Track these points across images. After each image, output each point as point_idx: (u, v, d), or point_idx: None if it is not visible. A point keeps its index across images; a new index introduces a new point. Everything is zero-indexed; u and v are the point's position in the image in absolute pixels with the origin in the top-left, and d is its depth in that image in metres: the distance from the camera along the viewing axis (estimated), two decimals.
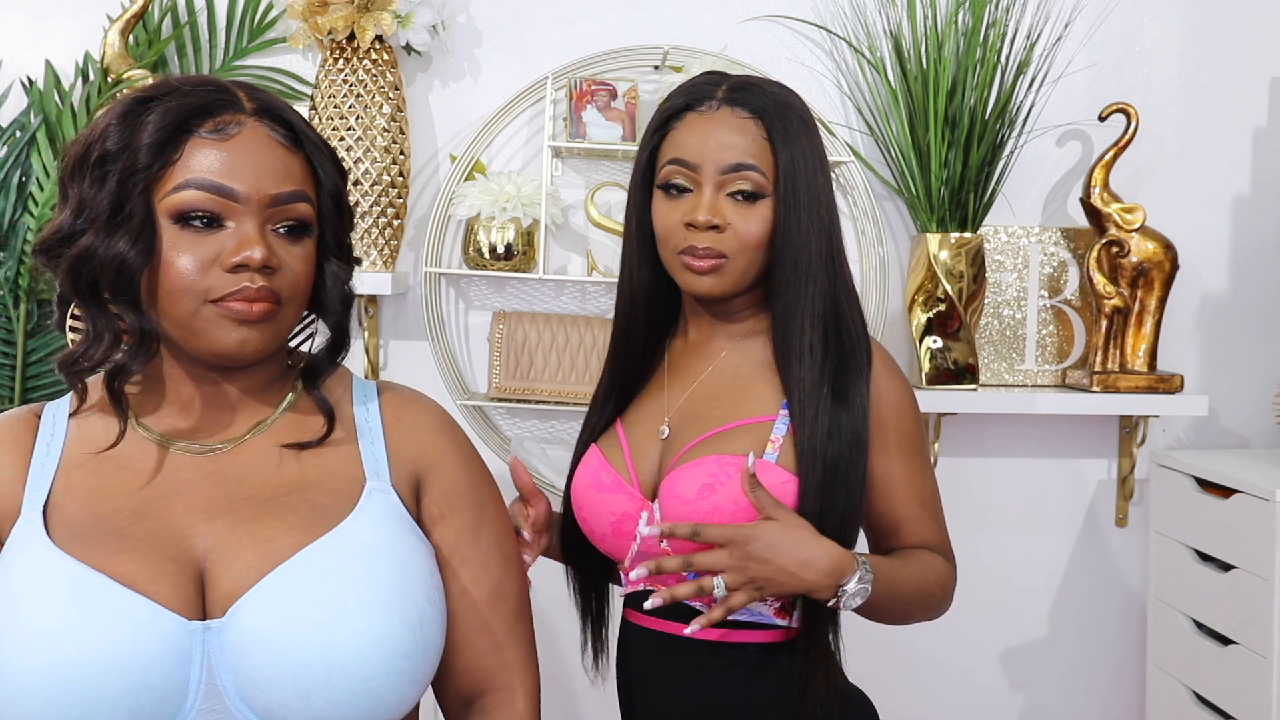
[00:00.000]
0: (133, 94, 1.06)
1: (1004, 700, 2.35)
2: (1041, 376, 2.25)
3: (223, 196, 1.02)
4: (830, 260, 1.29)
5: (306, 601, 0.98)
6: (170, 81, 1.06)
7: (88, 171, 1.02)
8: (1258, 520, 1.90)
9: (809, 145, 1.29)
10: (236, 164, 1.02)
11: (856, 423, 1.27)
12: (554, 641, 2.14)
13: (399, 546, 1.05)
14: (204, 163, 1.02)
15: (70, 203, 1.04)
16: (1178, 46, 2.27)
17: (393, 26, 2.06)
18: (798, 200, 1.27)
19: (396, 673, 1.00)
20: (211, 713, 0.98)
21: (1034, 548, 2.31)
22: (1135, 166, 2.24)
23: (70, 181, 1.05)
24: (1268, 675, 1.87)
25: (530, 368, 2.18)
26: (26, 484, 1.04)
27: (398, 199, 2.12)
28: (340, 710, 0.98)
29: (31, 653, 0.93)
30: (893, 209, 2.26)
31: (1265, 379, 2.30)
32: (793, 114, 1.30)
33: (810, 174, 1.28)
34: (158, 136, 1.01)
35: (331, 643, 0.97)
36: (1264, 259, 2.30)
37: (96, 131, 1.03)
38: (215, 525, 1.02)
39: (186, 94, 1.04)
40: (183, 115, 1.02)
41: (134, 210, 1.01)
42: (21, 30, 2.15)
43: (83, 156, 1.03)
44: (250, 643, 0.97)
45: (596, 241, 2.23)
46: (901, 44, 2.14)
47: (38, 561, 0.98)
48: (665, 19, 2.21)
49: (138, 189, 1.01)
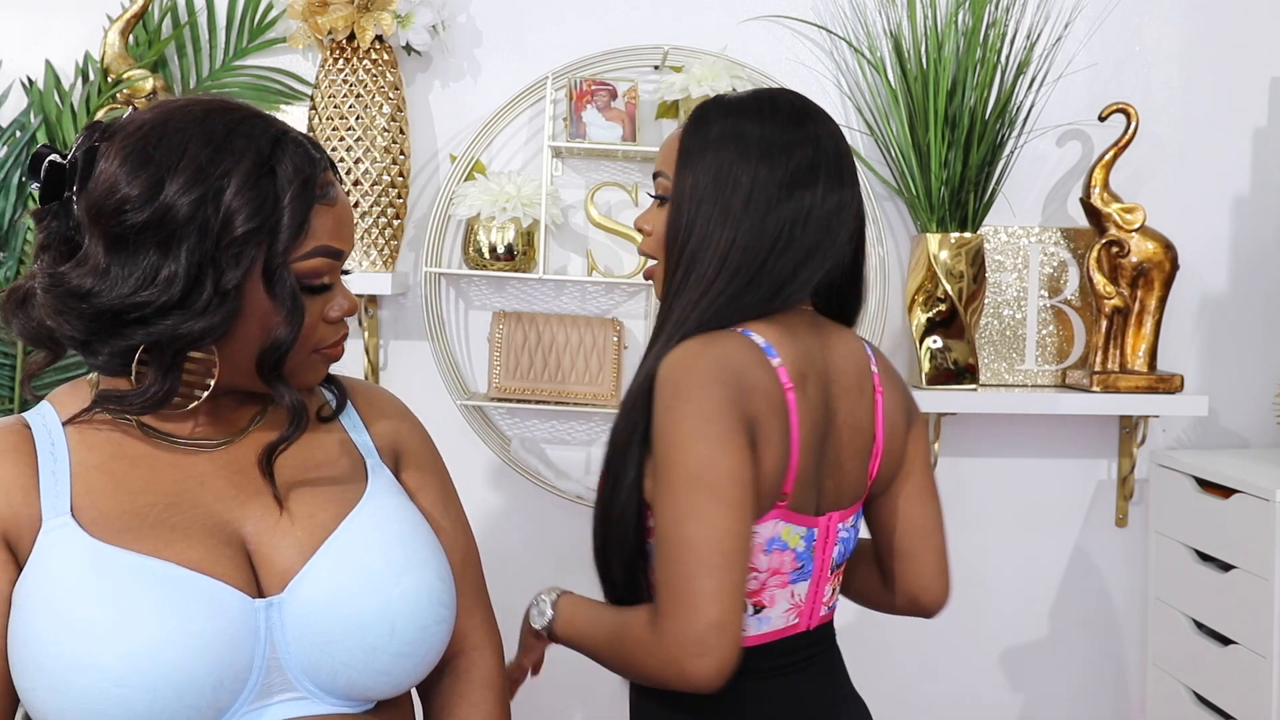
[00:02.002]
0: (231, 158, 1.01)
1: (1004, 700, 2.35)
2: (1041, 376, 2.25)
3: (336, 258, 1.08)
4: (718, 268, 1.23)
5: (362, 565, 1.07)
6: (259, 134, 1.03)
7: (204, 247, 0.99)
8: (1258, 520, 1.90)
9: (718, 152, 1.25)
10: (342, 225, 1.09)
11: (627, 456, 1.21)
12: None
13: (413, 512, 1.16)
14: (324, 228, 1.06)
15: (150, 268, 0.99)
16: (1178, 46, 2.27)
17: (393, 26, 2.06)
18: (681, 204, 1.25)
19: (441, 620, 1.10)
20: (271, 686, 1.03)
21: (1034, 548, 2.31)
22: (1135, 166, 2.24)
23: (149, 246, 0.99)
24: (1268, 675, 1.87)
25: (530, 368, 2.18)
26: (41, 494, 1.03)
27: (398, 199, 2.12)
28: (401, 662, 1.07)
29: (124, 643, 0.95)
30: (893, 209, 2.26)
31: (1265, 379, 2.30)
32: (714, 119, 1.27)
33: (703, 181, 1.24)
34: (299, 218, 1.02)
35: (391, 598, 1.06)
36: (1264, 259, 2.30)
37: (191, 202, 0.98)
38: (252, 508, 1.07)
39: (299, 162, 1.03)
40: (311, 190, 1.04)
41: (284, 287, 1.02)
42: (21, 30, 2.15)
43: (174, 225, 0.98)
44: (314, 613, 1.04)
45: (596, 241, 2.23)
46: (901, 44, 2.14)
47: (95, 559, 0.99)
48: (665, 19, 2.21)
49: (282, 266, 1.02)
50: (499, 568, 2.31)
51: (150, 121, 1.03)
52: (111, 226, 0.99)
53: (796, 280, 1.24)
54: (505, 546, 2.25)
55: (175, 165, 0.99)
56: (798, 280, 1.24)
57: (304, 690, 1.05)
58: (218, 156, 1.00)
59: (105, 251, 0.99)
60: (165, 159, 0.99)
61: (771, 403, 1.18)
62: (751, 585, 1.22)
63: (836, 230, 1.26)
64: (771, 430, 1.17)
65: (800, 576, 1.26)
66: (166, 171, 0.99)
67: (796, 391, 1.20)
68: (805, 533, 1.25)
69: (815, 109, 1.32)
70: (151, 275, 0.99)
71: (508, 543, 2.26)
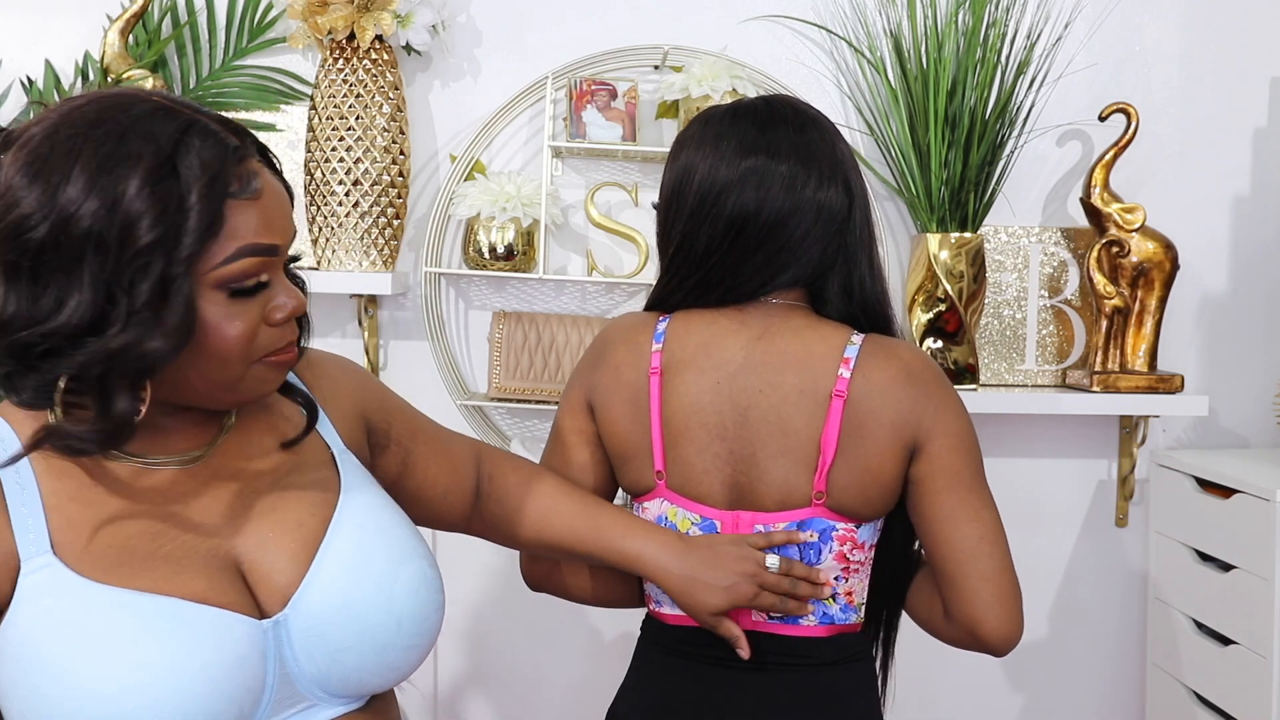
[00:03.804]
0: (127, 161, 0.90)
1: (1004, 700, 2.35)
2: (1041, 376, 2.25)
3: (268, 256, 0.97)
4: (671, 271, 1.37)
5: (359, 568, 1.05)
6: (159, 130, 0.92)
7: (107, 263, 0.89)
8: (1258, 520, 1.90)
9: (688, 153, 1.34)
10: (270, 218, 0.97)
11: None
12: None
13: (387, 500, 1.14)
14: (247, 225, 0.95)
15: (55, 293, 0.90)
16: (1178, 46, 2.27)
17: (393, 26, 2.05)
18: (661, 200, 1.37)
19: (439, 606, 1.10)
20: (284, 700, 1.02)
21: (1034, 548, 2.31)
22: (1135, 166, 2.24)
23: (50, 270, 0.89)
24: (1268, 675, 1.87)
25: (530, 368, 2.18)
26: (14, 531, 0.95)
27: (398, 199, 2.11)
28: (408, 654, 1.07)
29: (143, 693, 0.91)
30: (893, 209, 2.26)
31: (1265, 379, 2.30)
32: (699, 122, 1.36)
33: (669, 180, 1.35)
34: (206, 219, 0.91)
35: (393, 594, 1.05)
36: (1264, 259, 2.30)
37: (88, 214, 0.88)
38: (238, 524, 1.03)
39: (207, 156, 0.93)
40: (223, 185, 0.93)
41: (179, 299, 0.91)
42: (21, 30, 2.15)
43: (73, 242, 0.89)
44: (323, 624, 1.02)
45: (596, 241, 2.23)
46: (901, 44, 2.14)
47: (92, 603, 0.93)
48: (665, 19, 2.21)
49: (181, 275, 0.91)
50: (500, 567, 2.32)
51: (44, 129, 0.92)
52: (10, 251, 0.89)
53: (738, 277, 1.31)
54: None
55: (68, 174, 0.89)
56: (740, 278, 1.31)
57: (314, 698, 1.04)
58: (113, 160, 0.90)
59: (5, 279, 0.90)
60: (58, 168, 0.90)
61: (621, 380, 1.34)
62: None
63: (796, 235, 1.29)
64: (615, 403, 1.34)
65: None
66: (59, 182, 0.89)
67: (663, 377, 1.31)
68: (699, 520, 1.30)
69: (788, 115, 1.34)
70: (59, 303, 0.89)
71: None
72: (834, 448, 1.26)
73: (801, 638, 1.31)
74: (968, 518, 1.27)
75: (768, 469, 1.28)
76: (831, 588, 1.31)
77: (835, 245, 1.31)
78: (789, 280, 1.31)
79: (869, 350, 1.29)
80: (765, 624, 1.31)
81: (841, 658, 1.32)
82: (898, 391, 1.27)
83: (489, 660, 2.29)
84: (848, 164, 1.33)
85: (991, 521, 1.28)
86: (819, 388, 1.27)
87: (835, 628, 1.32)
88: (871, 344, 1.29)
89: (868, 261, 1.34)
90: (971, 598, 1.27)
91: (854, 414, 1.26)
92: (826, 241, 1.30)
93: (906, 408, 1.27)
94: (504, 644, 2.29)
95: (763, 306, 1.32)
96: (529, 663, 2.28)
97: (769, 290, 1.31)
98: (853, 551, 1.30)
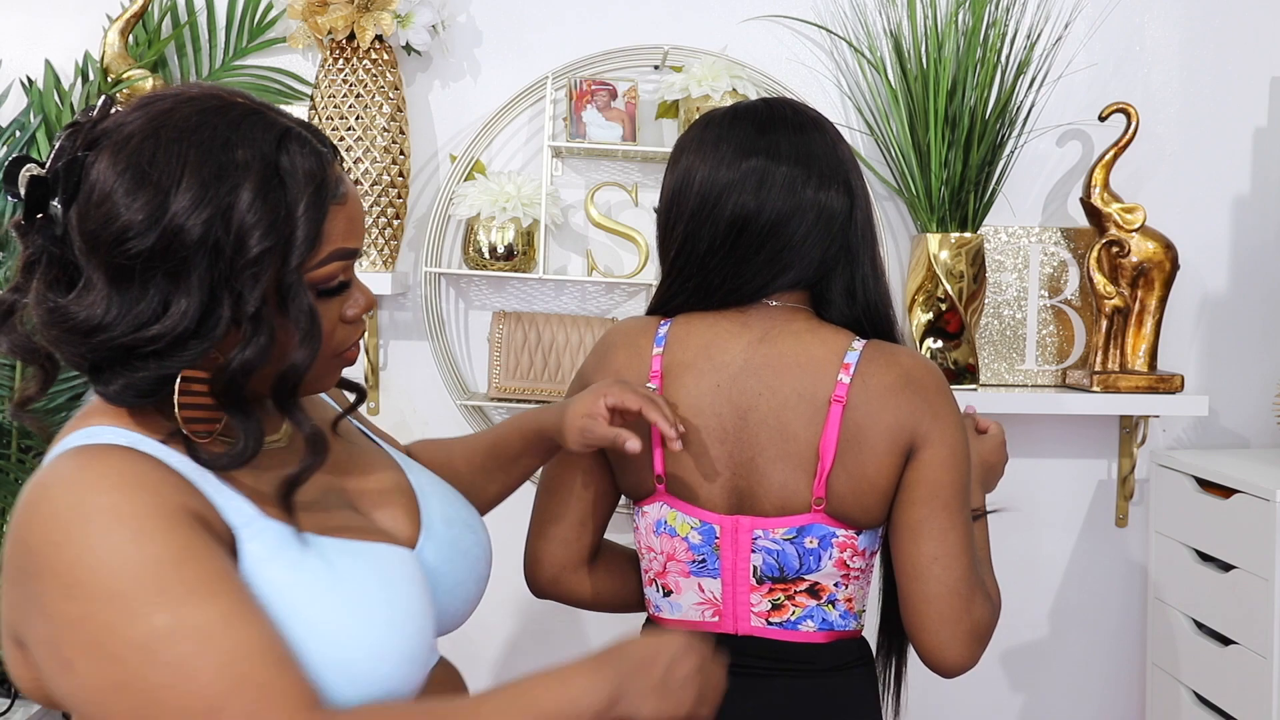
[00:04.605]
0: (236, 171, 0.92)
1: (1004, 700, 2.35)
2: (1041, 376, 2.25)
3: (353, 258, 1.01)
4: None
5: (457, 506, 1.16)
6: (261, 137, 0.94)
7: (217, 271, 0.91)
8: (1258, 520, 1.90)
9: (689, 156, 1.34)
10: (354, 222, 1.01)
11: None
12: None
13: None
14: (338, 230, 0.98)
15: (159, 298, 0.91)
16: (1178, 46, 2.27)
17: (393, 26, 2.06)
18: (662, 203, 1.37)
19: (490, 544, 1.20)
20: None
21: (1034, 548, 2.31)
22: (1135, 166, 2.24)
23: (155, 275, 0.90)
24: (1268, 675, 1.87)
25: (530, 368, 2.18)
26: (216, 506, 0.94)
27: (398, 199, 2.11)
28: (480, 594, 1.17)
29: (413, 630, 0.98)
30: (893, 209, 2.26)
31: (1265, 379, 2.30)
32: (700, 124, 1.36)
33: (669, 182, 1.35)
34: (314, 229, 0.94)
35: (483, 529, 1.19)
36: (1264, 259, 2.30)
37: (200, 224, 0.90)
38: (349, 480, 1.09)
39: (309, 165, 0.95)
40: (325, 194, 0.96)
41: (302, 309, 0.94)
42: (21, 30, 2.15)
43: (183, 251, 0.90)
44: (445, 553, 1.10)
45: (596, 241, 2.23)
46: (901, 44, 2.14)
47: (323, 553, 0.96)
48: (665, 19, 2.21)
49: (297, 284, 0.94)
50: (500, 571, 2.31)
51: (141, 130, 0.93)
52: (114, 256, 0.90)
53: (740, 279, 1.30)
54: (506, 546, 2.24)
55: (177, 183, 0.90)
56: (741, 279, 1.30)
57: None
58: (223, 169, 0.91)
59: (108, 283, 0.91)
60: (164, 176, 0.90)
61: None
62: (655, 565, 1.34)
63: (797, 236, 1.28)
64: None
65: (704, 571, 1.30)
66: (168, 191, 0.90)
67: (664, 380, 1.30)
68: (699, 525, 1.30)
69: (788, 116, 1.33)
70: (163, 306, 0.91)
71: (508, 542, 2.25)
72: (833, 453, 1.24)
73: (801, 644, 1.30)
74: (930, 535, 1.24)
75: (767, 473, 1.27)
76: None
77: (837, 246, 1.30)
78: (791, 281, 1.30)
79: (869, 356, 1.26)
80: (765, 630, 1.31)
81: (841, 663, 1.32)
82: (896, 398, 1.25)
83: (488, 663, 2.29)
84: (848, 165, 1.32)
85: (955, 544, 1.24)
86: (818, 392, 1.25)
87: (835, 634, 1.32)
88: (872, 349, 1.27)
89: (870, 262, 1.33)
90: (913, 617, 1.25)
91: (852, 420, 1.24)
92: (828, 242, 1.29)
93: (905, 414, 1.24)
94: (504, 646, 2.29)
95: (764, 309, 1.31)
96: (529, 665, 2.28)
97: (771, 292, 1.30)
98: (853, 558, 1.29)
